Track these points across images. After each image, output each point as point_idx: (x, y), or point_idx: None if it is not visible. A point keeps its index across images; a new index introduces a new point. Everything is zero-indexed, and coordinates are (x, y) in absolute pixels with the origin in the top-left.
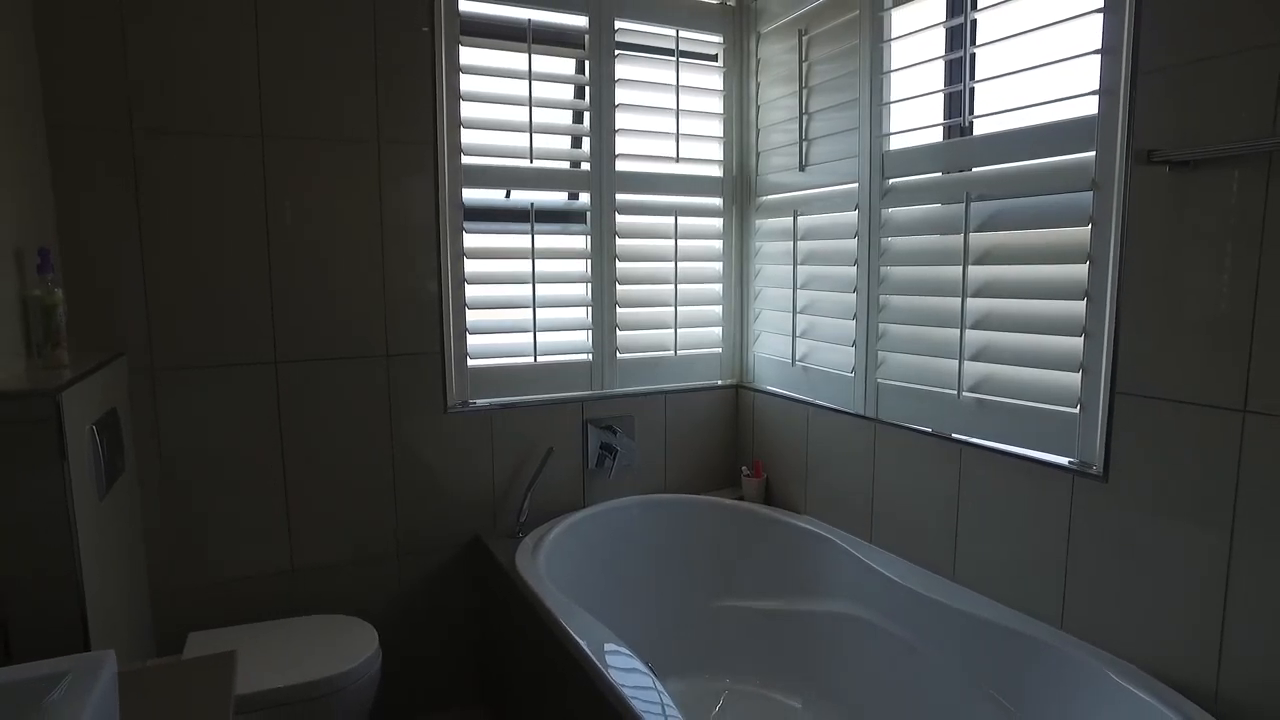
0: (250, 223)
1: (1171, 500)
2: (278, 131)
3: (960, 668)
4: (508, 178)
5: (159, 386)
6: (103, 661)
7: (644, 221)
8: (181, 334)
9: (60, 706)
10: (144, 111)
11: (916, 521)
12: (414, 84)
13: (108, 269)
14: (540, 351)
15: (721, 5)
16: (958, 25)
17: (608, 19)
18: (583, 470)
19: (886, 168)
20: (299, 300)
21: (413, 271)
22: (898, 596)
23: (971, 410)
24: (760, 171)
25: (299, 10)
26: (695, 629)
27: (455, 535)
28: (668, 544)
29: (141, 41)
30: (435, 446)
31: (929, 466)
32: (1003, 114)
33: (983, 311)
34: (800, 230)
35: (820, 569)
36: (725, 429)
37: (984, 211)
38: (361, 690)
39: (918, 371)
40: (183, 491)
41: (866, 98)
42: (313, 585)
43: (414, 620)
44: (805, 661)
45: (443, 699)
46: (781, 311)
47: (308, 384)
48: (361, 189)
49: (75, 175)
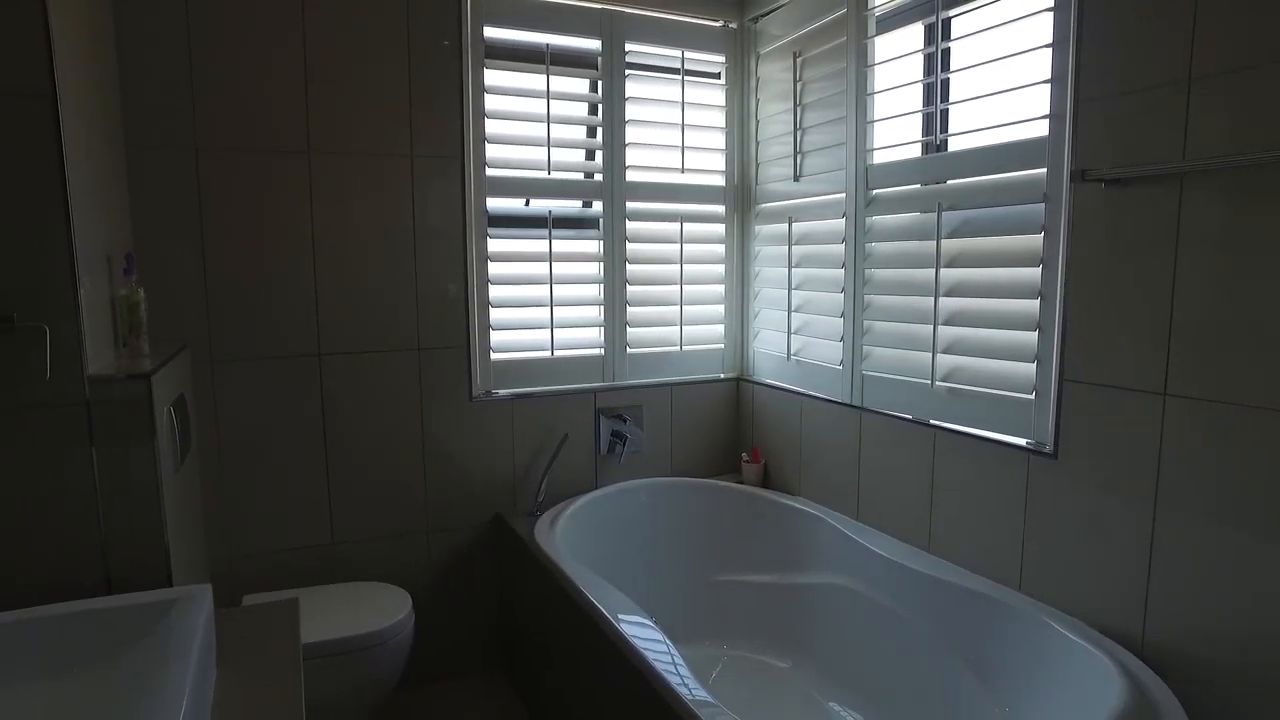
0: (298, 230)
1: (1108, 475)
2: (322, 148)
3: (932, 628)
4: (527, 188)
5: (217, 376)
6: (203, 593)
7: (652, 227)
8: (237, 329)
9: (178, 621)
10: (206, 133)
11: (896, 499)
12: (444, 104)
13: (174, 272)
14: (556, 346)
15: (724, 28)
16: (933, 53)
17: (619, 42)
18: (595, 455)
19: (871, 179)
20: (340, 299)
21: (442, 273)
22: (879, 567)
23: (943, 398)
24: (759, 181)
25: (342, 44)
26: (697, 601)
27: (479, 513)
28: (673, 523)
29: (205, 72)
30: (461, 432)
31: (907, 449)
32: (971, 133)
33: (953, 309)
34: (795, 235)
35: (811, 545)
36: (727, 418)
37: (953, 220)
38: (398, 646)
39: (897, 364)
40: (236, 470)
41: (853, 115)
42: (351, 556)
43: (441, 590)
44: (795, 628)
45: (466, 665)
46: (778, 310)
47: (347, 374)
48: (396, 199)
49: (149, 189)
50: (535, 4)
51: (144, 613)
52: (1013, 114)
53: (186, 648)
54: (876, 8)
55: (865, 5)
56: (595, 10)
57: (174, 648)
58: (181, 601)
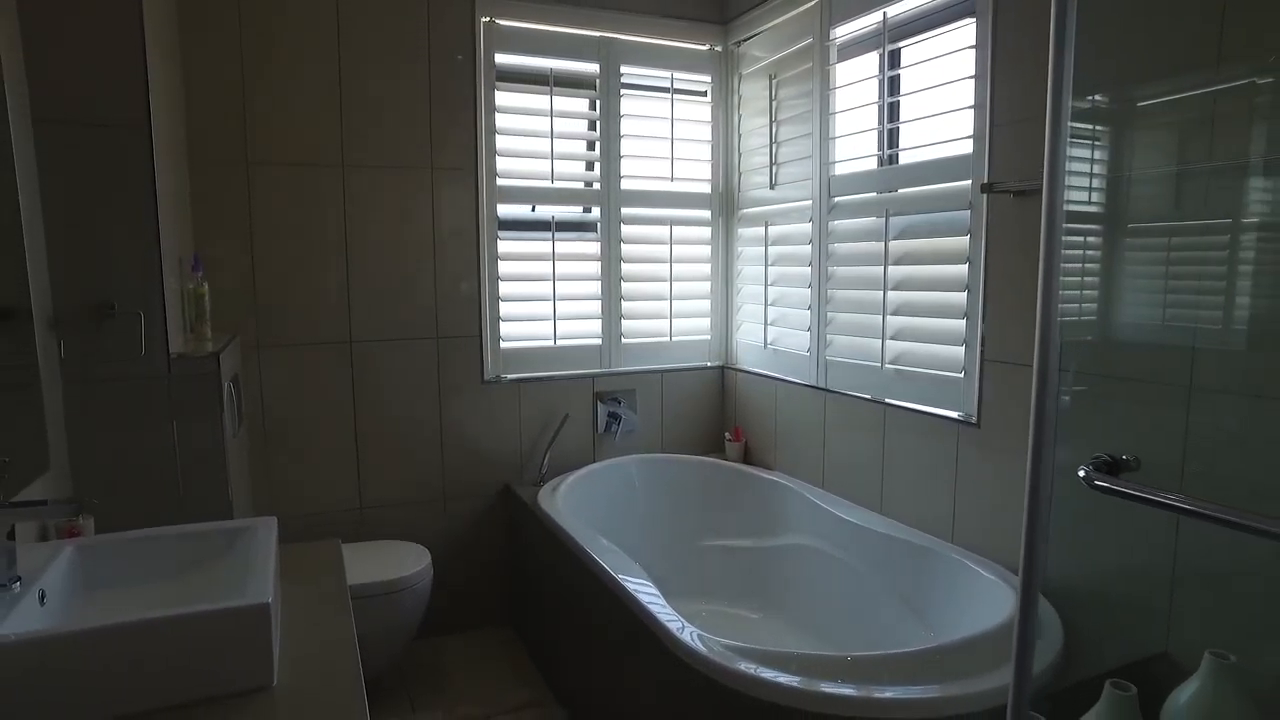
0: (332, 233)
1: (1016, 439)
2: (355, 162)
3: (880, 578)
4: (533, 195)
5: (262, 360)
6: (271, 522)
7: (645, 230)
8: (280, 319)
9: (257, 538)
10: (255, 149)
11: (855, 468)
12: (459, 122)
13: (226, 269)
14: (559, 336)
15: (710, 51)
16: (885, 79)
17: (614, 65)
18: (593, 433)
19: (833, 188)
20: (368, 293)
21: (457, 272)
22: (840, 528)
23: (892, 378)
24: (741, 188)
25: (371, 73)
26: (682, 563)
27: (489, 483)
28: (661, 495)
29: (255, 98)
30: (474, 412)
31: (863, 424)
32: (915, 149)
33: (899, 302)
34: (771, 237)
35: (783, 512)
36: (712, 401)
37: (898, 224)
38: (420, 592)
39: (855, 350)
40: (278, 442)
41: (818, 132)
42: (376, 519)
43: (456, 550)
44: (767, 584)
45: (478, 619)
46: (757, 304)
47: (375, 360)
48: (418, 206)
49: (207, 199)
50: (540, 33)
51: (231, 534)
52: (947, 134)
53: (266, 555)
54: (838, 38)
55: (828, 35)
56: (593, 37)
57: (256, 555)
58: (256, 527)
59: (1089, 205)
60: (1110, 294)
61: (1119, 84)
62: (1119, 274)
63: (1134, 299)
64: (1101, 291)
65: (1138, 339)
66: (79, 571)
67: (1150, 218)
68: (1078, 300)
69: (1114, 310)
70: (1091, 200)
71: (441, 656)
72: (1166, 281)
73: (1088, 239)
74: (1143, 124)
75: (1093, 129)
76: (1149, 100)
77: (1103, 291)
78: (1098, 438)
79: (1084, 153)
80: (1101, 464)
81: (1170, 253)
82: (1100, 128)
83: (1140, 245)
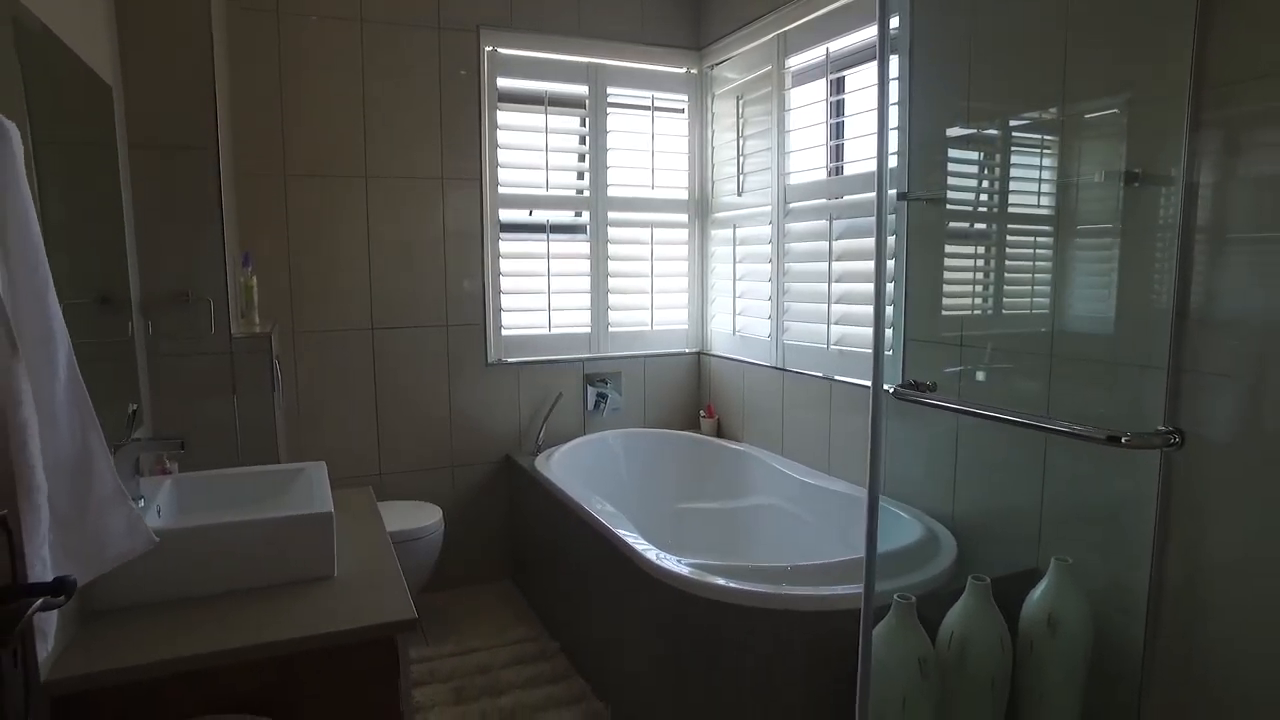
0: (357, 235)
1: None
2: (376, 173)
3: (829, 526)
4: (531, 202)
5: (297, 344)
6: (320, 465)
7: (629, 232)
8: (312, 309)
9: (312, 476)
10: (292, 162)
11: (809, 436)
12: (466, 139)
13: (267, 266)
14: (553, 325)
15: (687, 74)
16: (832, 102)
17: (602, 87)
18: (583, 411)
19: (789, 196)
20: (388, 286)
21: (465, 268)
22: (796, 488)
23: (836, 358)
24: (713, 195)
25: (391, 95)
26: (661, 524)
27: (492, 453)
28: (643, 464)
29: (293, 116)
30: (478, 391)
31: (814, 398)
32: (856, 162)
33: (841, 292)
34: (738, 238)
35: (750, 477)
36: (689, 382)
37: (840, 226)
38: (434, 541)
39: (807, 334)
40: (310, 416)
41: (776, 146)
42: (394, 482)
43: (463, 512)
44: (735, 539)
45: (483, 575)
46: (726, 297)
47: (393, 344)
48: (430, 211)
49: (251, 204)
50: (536, 60)
51: (291, 474)
52: None
53: (323, 484)
54: (792, 67)
55: (784, 64)
56: (583, 63)
57: (315, 485)
58: (309, 468)
59: (942, 211)
60: (939, 281)
61: (994, 114)
62: (946, 264)
63: (956, 286)
64: (934, 277)
65: (951, 310)
66: (177, 498)
67: (969, 219)
68: (923, 284)
69: (941, 292)
70: (946, 207)
71: (450, 605)
72: (974, 274)
73: (928, 239)
74: (985, 145)
75: (964, 151)
76: (1019, 123)
77: (935, 278)
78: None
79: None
80: (907, 384)
81: (979, 247)
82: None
83: (968, 242)
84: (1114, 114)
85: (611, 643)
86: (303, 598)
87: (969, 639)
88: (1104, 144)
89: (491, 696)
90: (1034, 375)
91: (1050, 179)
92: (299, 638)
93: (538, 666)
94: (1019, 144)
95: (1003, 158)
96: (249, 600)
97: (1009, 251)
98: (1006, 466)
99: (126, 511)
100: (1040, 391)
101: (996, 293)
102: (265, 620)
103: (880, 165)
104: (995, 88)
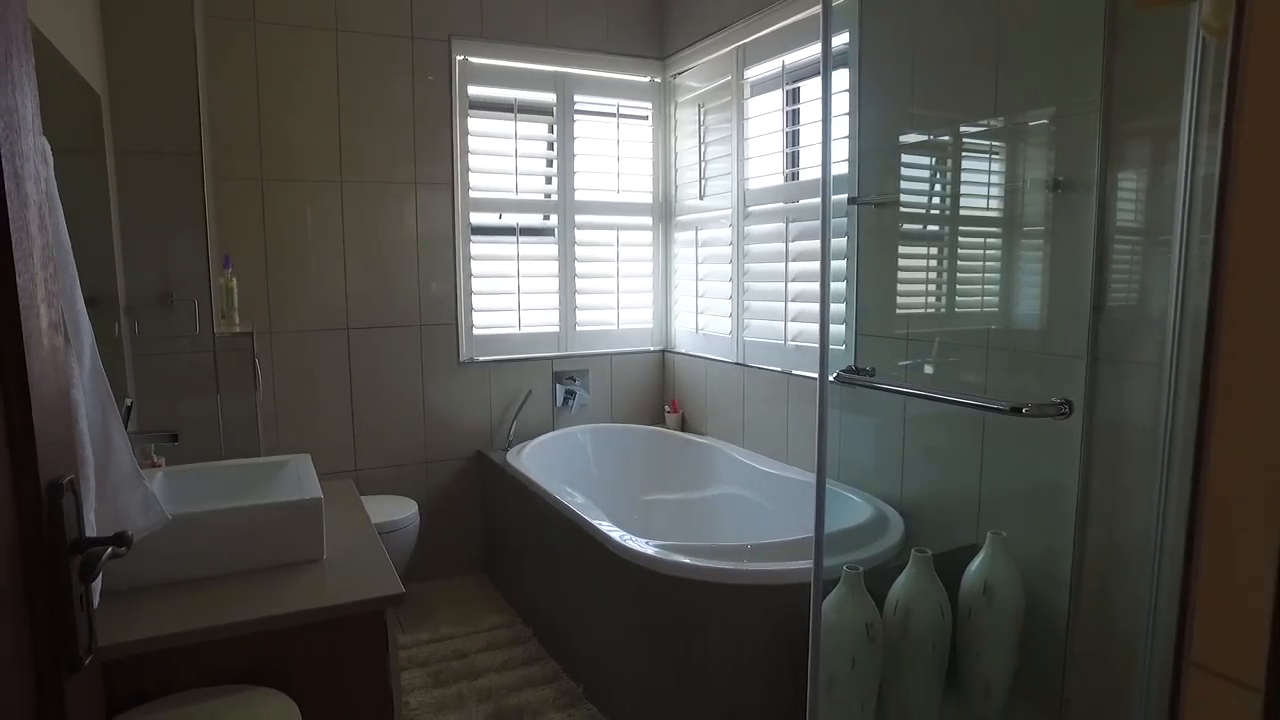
0: (332, 238)
1: (882, 396)
2: (351, 178)
3: (787, 511)
4: (501, 205)
5: (274, 343)
6: (305, 457)
7: (595, 235)
8: (289, 310)
9: (297, 467)
10: (269, 167)
11: (768, 427)
12: (438, 144)
13: (244, 268)
14: (522, 324)
15: (650, 83)
16: (788, 111)
17: (569, 95)
18: (552, 407)
19: (748, 200)
20: (363, 287)
21: (437, 269)
22: (757, 478)
23: (793, 353)
24: (676, 199)
25: (365, 103)
26: (628, 514)
27: (464, 449)
28: (611, 458)
29: (270, 121)
30: (451, 388)
31: (773, 392)
32: (810, 168)
33: (797, 290)
34: (700, 240)
35: (713, 468)
36: (653, 379)
37: (796, 229)
38: (410, 533)
39: (766, 331)
40: (287, 415)
41: (735, 153)
42: (370, 478)
43: (437, 507)
44: (699, 527)
45: (456, 568)
46: (689, 296)
47: (368, 344)
48: (404, 214)
49: (229, 208)
50: (506, 68)
51: (277, 465)
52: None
53: (310, 474)
54: (750, 77)
55: (742, 75)
56: (551, 72)
57: (303, 474)
58: (294, 460)
59: (893, 213)
60: (892, 280)
61: (938, 123)
62: (891, 264)
63: (908, 285)
64: (888, 277)
65: (904, 309)
66: (170, 489)
67: (919, 221)
68: (876, 283)
69: (895, 290)
70: (896, 210)
71: (424, 596)
72: (925, 273)
73: (877, 240)
74: (934, 152)
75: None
76: (969, 131)
77: (888, 277)
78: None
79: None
80: (848, 370)
81: (927, 248)
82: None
83: (917, 243)
84: (1044, 124)
85: (583, 625)
86: (295, 578)
87: (912, 606)
88: (1036, 153)
89: (469, 679)
90: (975, 366)
91: (988, 185)
92: (294, 612)
93: (511, 651)
94: (967, 149)
95: (953, 163)
96: (245, 581)
97: (955, 252)
98: (949, 452)
99: (143, 492)
100: (979, 381)
101: (942, 291)
102: (261, 598)
103: (825, 172)
104: (939, 99)
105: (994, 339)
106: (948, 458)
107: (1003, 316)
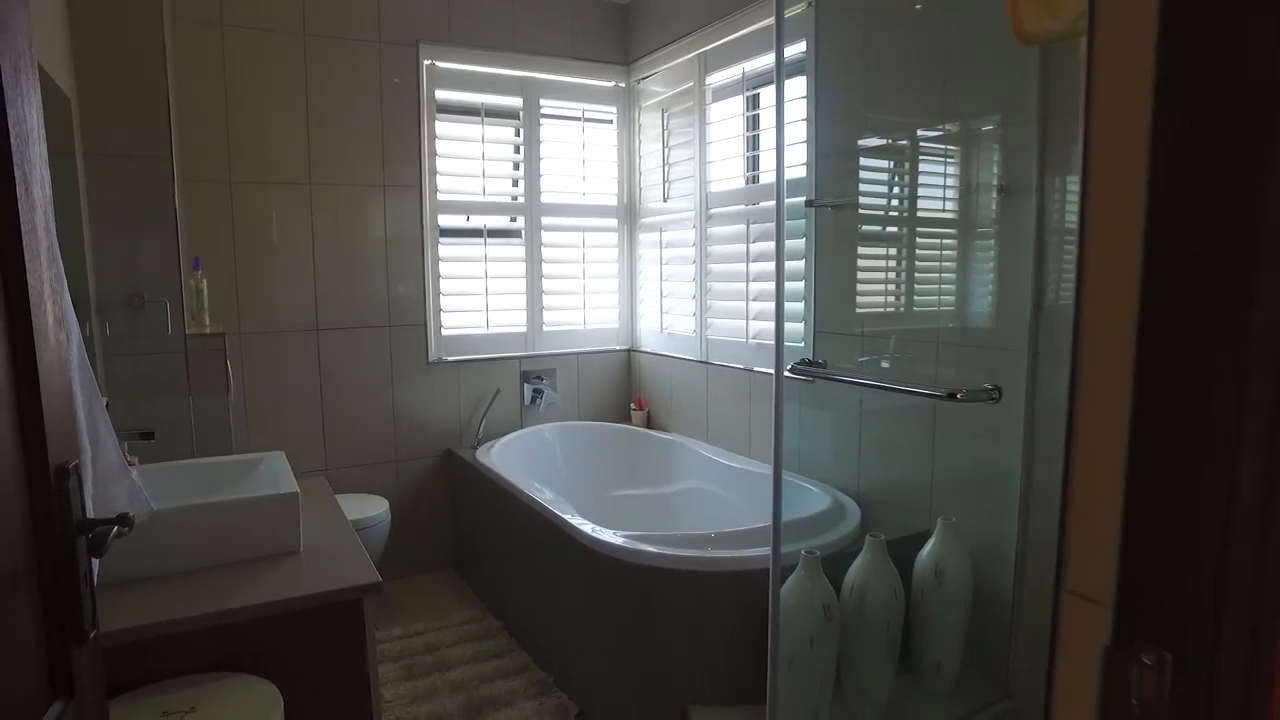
0: (301, 240)
1: (840, 389)
2: (320, 180)
3: (749, 504)
4: (468, 208)
5: (245, 344)
6: (279, 454)
7: (562, 236)
8: (258, 311)
9: (273, 464)
10: (237, 169)
11: (731, 423)
12: (406, 147)
13: (216, 271)
14: (491, 325)
15: (615, 87)
16: (749, 116)
17: (535, 99)
18: (520, 406)
19: (710, 202)
20: (332, 288)
21: (406, 270)
22: (720, 472)
23: (754, 350)
24: (641, 201)
25: (334, 106)
26: (595, 510)
27: (433, 448)
28: (579, 455)
29: (239, 124)
30: (420, 388)
31: (736, 389)
32: (770, 171)
33: (758, 290)
34: (664, 241)
35: (678, 464)
36: (619, 377)
37: (757, 230)
38: (382, 529)
39: (729, 329)
40: (258, 415)
41: (699, 156)
42: (341, 477)
43: (408, 505)
44: (664, 521)
45: (426, 565)
46: (654, 296)
47: (337, 344)
48: (373, 217)
49: (198, 210)
50: (473, 73)
51: (252, 462)
52: (790, 161)
53: (285, 470)
54: (712, 83)
55: (704, 81)
56: (518, 77)
57: (279, 470)
58: (269, 457)
59: (851, 215)
60: (851, 279)
61: (892, 128)
62: (850, 264)
63: (867, 285)
64: (847, 276)
65: (864, 308)
66: (147, 486)
67: (877, 223)
68: (835, 282)
69: (854, 290)
70: (850, 213)
71: (395, 592)
72: (884, 273)
73: (832, 241)
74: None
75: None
76: (928, 135)
77: (847, 276)
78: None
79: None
80: (803, 362)
81: (886, 249)
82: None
83: (874, 244)
84: (991, 130)
85: (552, 616)
86: (274, 569)
87: (867, 588)
88: (984, 158)
89: (441, 672)
90: (929, 361)
91: (944, 189)
92: (274, 601)
93: (483, 644)
94: (922, 154)
95: (909, 167)
96: (225, 573)
97: (911, 252)
98: (903, 444)
99: (129, 483)
100: (932, 374)
101: (899, 290)
102: (241, 589)
103: (779, 176)
104: (893, 105)
105: (947, 335)
106: (902, 449)
107: (956, 314)
